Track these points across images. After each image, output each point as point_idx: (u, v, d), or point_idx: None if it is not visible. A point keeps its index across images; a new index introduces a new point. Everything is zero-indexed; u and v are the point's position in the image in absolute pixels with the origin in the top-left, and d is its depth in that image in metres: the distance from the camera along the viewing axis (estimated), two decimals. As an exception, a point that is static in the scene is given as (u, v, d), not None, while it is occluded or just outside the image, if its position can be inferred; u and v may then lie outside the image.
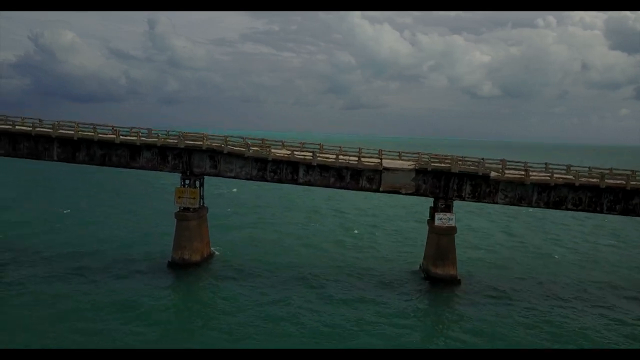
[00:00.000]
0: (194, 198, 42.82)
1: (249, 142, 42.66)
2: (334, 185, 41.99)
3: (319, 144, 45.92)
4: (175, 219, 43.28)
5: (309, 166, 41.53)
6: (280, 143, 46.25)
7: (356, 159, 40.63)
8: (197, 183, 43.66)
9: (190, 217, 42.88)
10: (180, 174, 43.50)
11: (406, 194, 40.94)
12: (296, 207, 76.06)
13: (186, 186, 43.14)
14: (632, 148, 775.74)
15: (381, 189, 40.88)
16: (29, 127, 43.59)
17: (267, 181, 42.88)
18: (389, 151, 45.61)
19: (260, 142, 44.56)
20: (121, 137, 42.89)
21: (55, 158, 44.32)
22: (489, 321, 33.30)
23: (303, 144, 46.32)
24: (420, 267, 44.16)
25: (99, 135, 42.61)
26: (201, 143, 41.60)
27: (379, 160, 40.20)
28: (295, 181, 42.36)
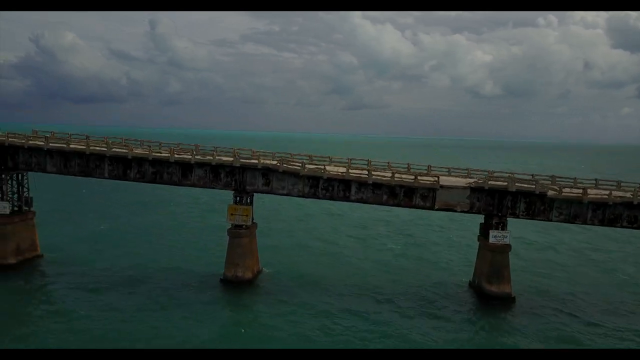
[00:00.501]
0: (246, 215, 43.02)
1: (303, 160, 42.93)
2: (387, 203, 42.16)
3: (368, 160, 46.20)
4: (228, 236, 43.50)
5: (361, 184, 41.75)
6: (328, 159, 46.49)
7: (411, 177, 40.75)
8: (248, 200, 43.90)
9: (243, 234, 43.11)
10: (233, 192, 43.78)
11: (461, 211, 41.15)
12: (332, 216, 76.49)
13: (238, 203, 43.40)
14: (635, 147, 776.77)
15: (435, 207, 41.08)
16: (83, 145, 43.91)
17: (319, 198, 43.05)
18: (439, 167, 45.90)
19: (307, 157, 44.89)
20: (176, 155, 43.18)
21: (107, 175, 44.66)
22: (549, 336, 33.75)
23: (351, 160, 46.54)
24: (470, 283, 44.40)
25: (153, 154, 42.86)
26: (256, 162, 41.80)
27: (435, 179, 40.34)
28: (347, 198, 42.55)
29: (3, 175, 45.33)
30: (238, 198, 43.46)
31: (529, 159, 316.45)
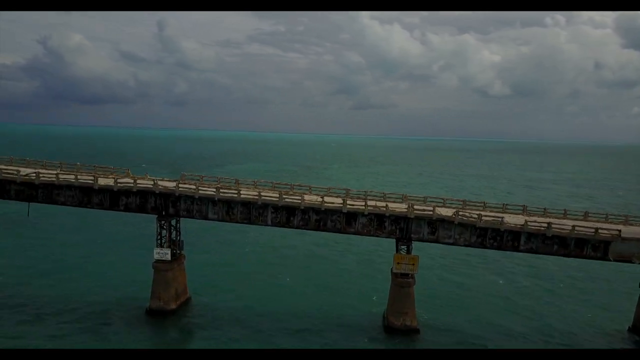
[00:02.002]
0: (413, 264, 43.40)
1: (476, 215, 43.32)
2: (557, 253, 42.47)
3: (523, 206, 46.62)
4: (391, 283, 43.96)
5: (530, 234, 42.03)
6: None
7: (592, 231, 40.94)
8: (410, 247, 44.24)
9: (408, 283, 43.50)
10: (395, 239, 44.20)
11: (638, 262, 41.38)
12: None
13: (402, 252, 43.79)
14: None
15: (610, 258, 41.32)
16: (252, 195, 44.43)
17: (487, 248, 43.37)
18: (595, 213, 46.23)
19: (482, 204, 45.48)
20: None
21: (269, 223, 45.08)
22: None
23: (505, 205, 46.93)
24: None
25: (326, 205, 43.31)
26: (431, 213, 42.15)
27: (617, 232, 40.58)
28: (516, 248, 42.86)
29: (163, 222, 45.89)
30: (402, 246, 43.88)
31: (568, 165, 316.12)
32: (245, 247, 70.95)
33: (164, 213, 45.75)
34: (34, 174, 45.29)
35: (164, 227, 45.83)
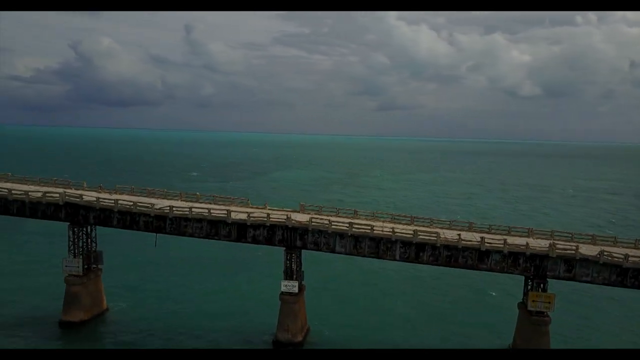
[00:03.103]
0: (549, 302, 42.73)
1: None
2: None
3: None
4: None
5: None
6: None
7: None
8: (546, 285, 43.52)
9: (544, 321, 42.85)
10: (528, 277, 43.63)
11: None
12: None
13: (535, 289, 43.17)
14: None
15: None
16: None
17: (626, 287, 42.31)
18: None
19: (612, 239, 44.56)
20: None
21: (398, 258, 45.03)
22: None
23: (637, 241, 45.81)
24: None
25: (463, 243, 43.10)
26: (574, 252, 41.44)
27: None
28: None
29: (291, 254, 46.26)
30: (535, 283, 43.26)
31: (609, 170, 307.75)
32: (338, 267, 70.69)
33: (291, 245, 46.27)
34: (168, 208, 46.40)
35: (292, 259, 46.29)
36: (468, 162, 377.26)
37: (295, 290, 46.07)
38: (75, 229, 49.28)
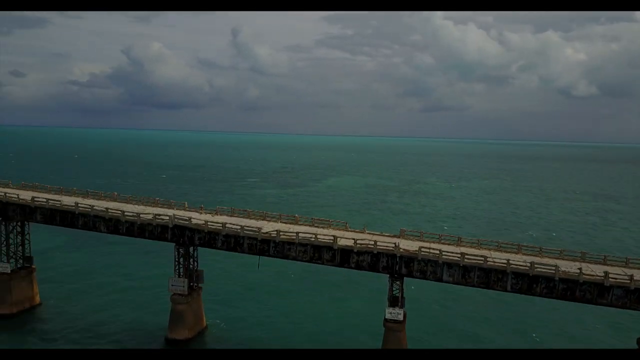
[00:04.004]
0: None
1: None
2: None
3: None
4: None
5: None
6: None
7: None
8: None
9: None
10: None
11: None
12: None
13: None
14: None
15: None
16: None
17: None
18: None
19: None
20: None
21: (509, 289, 43.63)
22: None
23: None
24: None
25: (584, 277, 41.35)
26: None
27: None
28: None
29: (396, 281, 45.83)
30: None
31: None
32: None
33: (396, 273, 45.84)
34: (275, 232, 47.15)
35: (397, 287, 45.86)
36: (523, 168, 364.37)
37: (400, 317, 45.60)
38: (181, 250, 50.98)
